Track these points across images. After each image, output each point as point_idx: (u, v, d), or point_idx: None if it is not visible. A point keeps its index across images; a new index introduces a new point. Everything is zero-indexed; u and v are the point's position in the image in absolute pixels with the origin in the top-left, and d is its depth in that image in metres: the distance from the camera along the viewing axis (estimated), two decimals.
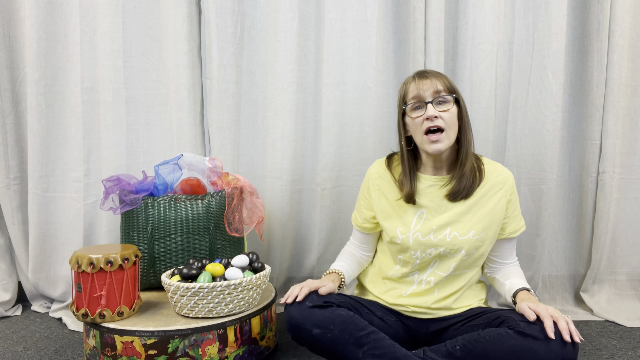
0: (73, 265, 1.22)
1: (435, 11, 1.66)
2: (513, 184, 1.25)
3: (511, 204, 1.24)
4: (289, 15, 1.70)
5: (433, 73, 1.20)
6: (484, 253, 1.23)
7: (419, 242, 1.21)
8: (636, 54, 1.73)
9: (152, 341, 1.19)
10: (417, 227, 1.22)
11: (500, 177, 1.24)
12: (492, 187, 1.22)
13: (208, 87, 1.74)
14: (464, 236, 1.19)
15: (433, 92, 1.17)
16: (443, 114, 1.16)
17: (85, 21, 1.72)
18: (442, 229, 1.21)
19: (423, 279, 1.23)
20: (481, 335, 1.04)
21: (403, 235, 1.23)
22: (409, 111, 1.20)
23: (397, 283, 1.27)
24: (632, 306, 1.78)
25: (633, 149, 1.77)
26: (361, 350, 1.05)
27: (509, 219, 1.25)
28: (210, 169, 1.56)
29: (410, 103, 1.19)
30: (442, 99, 1.17)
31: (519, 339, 1.00)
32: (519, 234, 1.27)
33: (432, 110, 1.15)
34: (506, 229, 1.25)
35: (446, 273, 1.22)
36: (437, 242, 1.20)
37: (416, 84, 1.18)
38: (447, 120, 1.16)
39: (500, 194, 1.22)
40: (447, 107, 1.17)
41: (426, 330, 1.24)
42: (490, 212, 1.21)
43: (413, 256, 1.23)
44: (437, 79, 1.18)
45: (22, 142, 1.82)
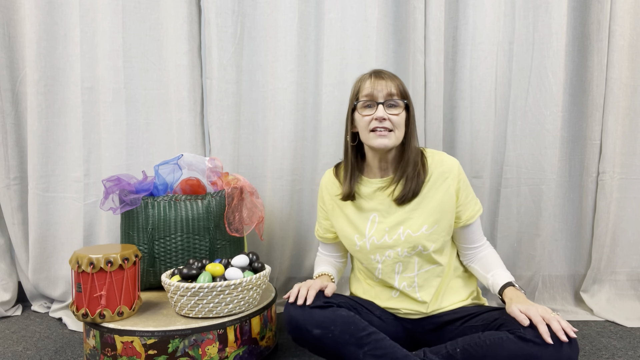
0: (73, 265, 1.22)
1: (435, 11, 1.66)
2: (459, 171, 1.24)
3: (461, 192, 1.23)
4: (289, 15, 1.70)
5: (389, 75, 1.21)
6: (444, 244, 1.23)
7: (375, 246, 1.22)
8: (636, 54, 1.73)
9: (152, 341, 1.19)
10: (371, 232, 1.23)
11: (444, 167, 1.23)
12: (438, 179, 1.22)
13: (208, 87, 1.74)
14: (417, 232, 1.19)
15: (386, 94, 1.18)
16: (392, 117, 1.17)
17: (85, 21, 1.72)
18: (395, 229, 1.21)
19: (398, 288, 1.23)
20: (481, 339, 1.04)
21: (360, 242, 1.24)
22: (360, 108, 1.21)
23: (384, 287, 1.27)
24: (632, 306, 1.78)
25: (633, 149, 1.77)
26: (362, 350, 1.05)
27: (463, 207, 1.24)
28: (210, 169, 1.56)
29: (362, 100, 1.20)
30: (394, 103, 1.18)
31: (519, 344, 0.99)
32: (477, 217, 1.26)
33: (382, 111, 1.16)
34: (462, 216, 1.24)
35: (414, 273, 1.22)
36: (392, 242, 1.21)
37: (371, 83, 1.19)
38: (395, 123, 1.17)
39: (447, 183, 1.22)
40: (397, 112, 1.18)
41: (422, 329, 1.24)
42: (439, 204, 1.20)
43: (373, 260, 1.24)
44: (392, 82, 1.19)
45: (22, 142, 1.82)
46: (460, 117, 1.75)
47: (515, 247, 1.81)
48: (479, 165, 1.74)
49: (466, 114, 1.73)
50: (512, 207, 1.79)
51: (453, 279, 1.27)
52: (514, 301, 1.09)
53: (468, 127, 1.74)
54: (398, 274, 1.23)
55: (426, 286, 1.23)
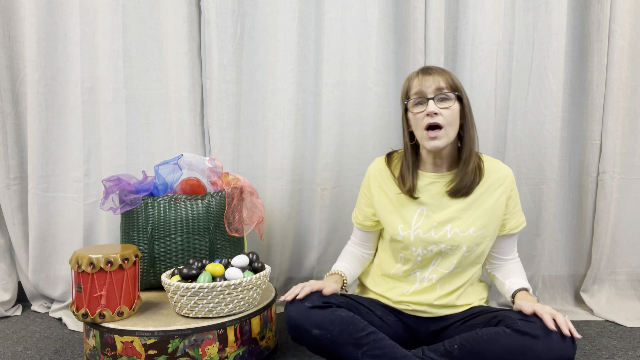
0: (73, 265, 1.22)
1: (435, 11, 1.66)
2: (513, 180, 1.26)
3: (511, 200, 1.25)
4: (289, 15, 1.70)
5: (437, 69, 1.20)
6: (485, 250, 1.24)
7: (420, 239, 1.22)
8: (636, 54, 1.73)
9: (152, 341, 1.19)
10: (418, 224, 1.23)
11: (500, 174, 1.24)
12: (492, 184, 1.23)
13: (208, 87, 1.74)
14: (465, 232, 1.20)
15: (435, 88, 1.17)
16: (444, 110, 1.16)
17: (85, 21, 1.72)
18: (442, 226, 1.21)
19: (425, 276, 1.24)
20: (479, 334, 1.04)
21: (404, 232, 1.23)
22: (411, 106, 1.21)
23: (399, 281, 1.27)
24: (632, 306, 1.78)
25: (633, 149, 1.77)
26: (360, 350, 1.06)
27: (510, 215, 1.25)
28: (210, 169, 1.56)
29: (412, 98, 1.20)
30: (444, 96, 1.17)
31: (516, 337, 1.00)
32: (520, 229, 1.28)
33: (433, 106, 1.15)
34: (507, 225, 1.26)
35: (448, 270, 1.22)
36: (438, 238, 1.21)
37: (419, 80, 1.19)
38: (447, 118, 1.16)
39: (500, 190, 1.23)
40: (449, 105, 1.17)
41: (426, 329, 1.24)
42: (490, 209, 1.21)
43: (414, 253, 1.23)
44: (440, 76, 1.18)
45: (22, 142, 1.82)
46: None
47: None
48: None
49: None
50: None
51: (471, 285, 1.28)
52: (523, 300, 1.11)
53: None
54: (434, 265, 1.23)
55: (449, 284, 1.24)
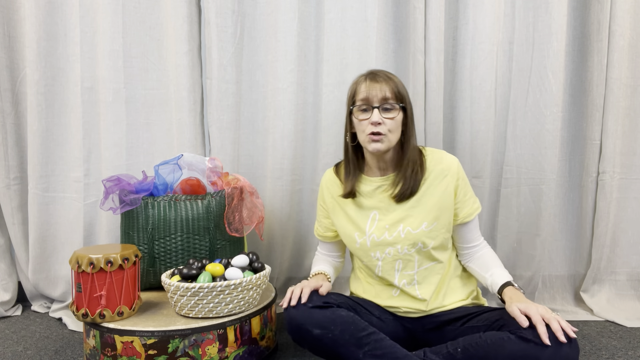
0: (73, 265, 1.22)
1: (435, 11, 1.66)
2: (458, 168, 1.24)
3: (460, 189, 1.24)
4: (289, 15, 1.70)
5: (384, 77, 1.20)
6: (444, 242, 1.23)
7: (375, 243, 1.23)
8: (636, 54, 1.73)
9: (152, 341, 1.19)
10: (372, 229, 1.24)
11: (444, 164, 1.24)
12: (437, 177, 1.23)
13: (208, 87, 1.74)
14: (417, 229, 1.20)
15: (381, 98, 1.18)
16: (387, 120, 1.17)
17: (85, 21, 1.72)
18: (395, 226, 1.22)
19: (398, 285, 1.24)
20: (482, 339, 1.04)
21: (361, 239, 1.25)
22: (356, 112, 1.21)
23: (384, 286, 1.28)
24: (632, 306, 1.78)
25: (633, 149, 1.77)
26: (362, 350, 1.05)
27: (461, 204, 1.24)
28: (210, 169, 1.56)
29: (357, 104, 1.21)
30: (389, 106, 1.18)
31: (520, 345, 1.00)
32: (475, 215, 1.27)
33: (377, 116, 1.17)
34: (459, 214, 1.25)
35: (414, 271, 1.22)
36: (392, 240, 1.21)
37: (366, 87, 1.19)
38: (389, 127, 1.18)
39: (446, 181, 1.22)
40: (393, 115, 1.18)
41: (422, 328, 1.24)
42: (438, 201, 1.21)
43: (374, 258, 1.24)
44: (387, 85, 1.18)
45: (22, 142, 1.82)
46: (460, 117, 1.75)
47: (515, 247, 1.81)
48: (479, 165, 1.74)
49: (466, 114, 1.73)
50: (512, 207, 1.79)
51: (453, 279, 1.27)
52: (514, 300, 1.09)
53: (468, 127, 1.74)
54: (398, 271, 1.23)
55: (425, 283, 1.23)
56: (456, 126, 1.77)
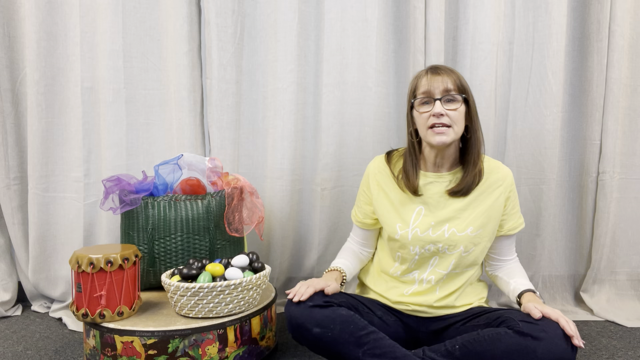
0: (73, 265, 1.22)
1: (435, 11, 1.66)
2: (512, 181, 1.26)
3: (510, 201, 1.25)
4: (289, 15, 1.70)
5: (446, 70, 1.20)
6: (483, 250, 1.24)
7: (417, 238, 1.22)
8: (636, 54, 1.73)
9: (152, 341, 1.19)
10: (416, 223, 1.23)
11: (500, 174, 1.24)
12: (491, 185, 1.23)
13: (208, 87, 1.74)
14: (462, 232, 1.20)
15: (443, 89, 1.17)
16: (450, 112, 1.16)
17: (85, 21, 1.72)
18: (440, 225, 1.21)
19: (424, 277, 1.24)
20: (480, 335, 1.04)
21: (402, 231, 1.23)
22: (417, 105, 1.21)
23: (398, 282, 1.27)
24: (632, 306, 1.78)
25: (633, 149, 1.77)
26: (361, 349, 1.05)
27: (508, 216, 1.25)
28: (210, 169, 1.56)
29: (419, 97, 1.20)
30: (451, 98, 1.17)
31: (517, 339, 1.00)
32: (518, 231, 1.28)
33: (439, 107, 1.15)
34: (504, 225, 1.26)
35: (446, 271, 1.22)
36: (435, 238, 1.21)
37: (427, 80, 1.18)
38: (453, 119, 1.16)
39: (499, 191, 1.23)
40: (455, 106, 1.17)
41: (426, 329, 1.24)
42: (488, 209, 1.21)
43: (412, 252, 1.23)
44: (448, 77, 1.17)
45: (22, 142, 1.82)
46: None
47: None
48: None
49: None
50: None
51: (471, 284, 1.28)
52: (531, 302, 1.10)
53: None
54: (432, 266, 1.23)
55: (448, 285, 1.24)
56: None
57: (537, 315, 1.03)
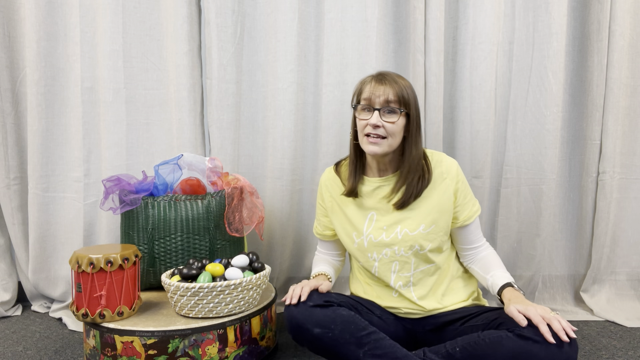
0: (73, 265, 1.22)
1: (435, 11, 1.66)
2: (457, 171, 1.23)
3: (459, 192, 1.23)
4: (289, 15, 1.70)
5: (391, 79, 1.17)
6: (441, 244, 1.23)
7: (373, 244, 1.23)
8: (636, 54, 1.73)
9: (152, 341, 1.19)
10: (369, 230, 1.24)
11: (443, 168, 1.23)
12: (436, 179, 1.22)
13: (208, 87, 1.74)
14: (415, 231, 1.20)
15: (384, 100, 1.15)
16: (387, 124, 1.15)
17: (85, 21, 1.72)
18: (392, 228, 1.21)
19: (394, 287, 1.24)
20: (481, 338, 1.04)
21: (358, 239, 1.25)
22: (358, 110, 1.21)
23: (383, 287, 1.27)
24: (632, 306, 1.78)
25: (633, 149, 1.77)
26: (362, 350, 1.05)
27: (461, 207, 1.24)
28: (210, 169, 1.56)
29: (361, 103, 1.20)
30: (390, 109, 1.16)
31: (518, 342, 1.00)
32: (475, 218, 1.26)
33: (377, 118, 1.15)
34: (459, 217, 1.24)
35: (410, 273, 1.22)
36: (389, 241, 1.21)
37: (371, 87, 1.18)
38: (389, 131, 1.16)
39: (445, 184, 1.22)
40: (394, 119, 1.16)
41: (422, 329, 1.24)
42: (437, 204, 1.21)
43: (370, 259, 1.24)
44: (391, 88, 1.16)
45: (22, 142, 1.82)
46: (460, 117, 1.75)
47: (515, 247, 1.81)
48: (479, 165, 1.74)
49: (466, 114, 1.73)
50: (512, 207, 1.79)
51: (454, 280, 1.27)
52: (512, 302, 1.09)
53: (468, 127, 1.74)
54: (394, 272, 1.23)
55: (420, 285, 1.23)
56: (456, 126, 1.77)
57: (523, 324, 1.01)
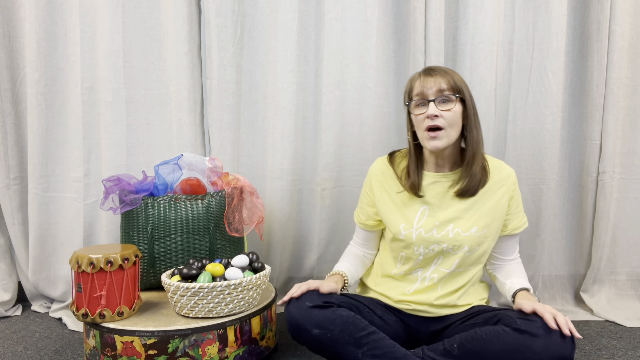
0: (73, 265, 1.22)
1: (435, 11, 1.66)
2: (515, 181, 1.26)
3: (514, 201, 1.25)
4: (289, 15, 1.70)
5: (439, 70, 1.19)
6: (487, 250, 1.24)
7: (422, 238, 1.22)
8: (636, 54, 1.73)
9: (152, 341, 1.19)
10: (420, 223, 1.23)
11: (503, 174, 1.24)
12: (495, 184, 1.23)
13: (208, 87, 1.74)
14: (467, 232, 1.20)
15: (436, 90, 1.16)
16: (445, 113, 1.15)
17: (85, 21, 1.72)
18: (445, 225, 1.21)
19: (427, 275, 1.24)
20: (478, 334, 1.05)
21: (406, 231, 1.23)
22: (412, 108, 1.21)
23: (400, 281, 1.27)
24: (632, 306, 1.78)
25: (633, 149, 1.77)
26: (361, 350, 1.06)
27: (512, 216, 1.25)
28: (210, 169, 1.56)
29: (414, 100, 1.20)
30: (445, 98, 1.16)
31: (515, 336, 1.01)
32: (522, 230, 1.28)
33: (433, 109, 1.15)
34: (508, 225, 1.26)
35: (449, 270, 1.22)
36: (439, 238, 1.21)
37: (421, 81, 1.18)
38: (448, 120, 1.16)
39: (503, 190, 1.23)
40: (450, 107, 1.16)
41: (426, 329, 1.24)
42: (492, 209, 1.21)
43: (416, 252, 1.23)
44: (442, 77, 1.17)
45: (22, 142, 1.82)
46: None
47: None
48: None
49: None
50: None
51: (474, 285, 1.28)
52: (524, 299, 1.11)
53: None
54: (435, 264, 1.23)
55: (450, 283, 1.24)
56: None
57: (528, 310, 1.03)
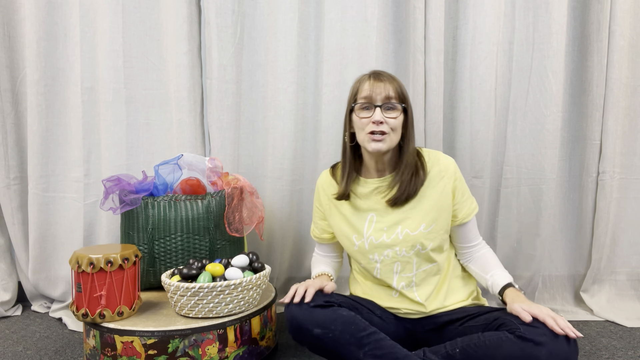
0: (73, 265, 1.22)
1: (435, 11, 1.66)
2: (455, 169, 1.25)
3: (458, 190, 1.24)
4: (289, 15, 1.70)
5: (388, 77, 1.20)
6: (442, 243, 1.23)
7: (374, 246, 1.23)
8: (636, 54, 1.73)
9: (152, 341, 1.19)
10: (369, 232, 1.24)
11: (441, 166, 1.24)
12: (434, 178, 1.23)
13: (208, 87, 1.74)
14: (416, 231, 1.20)
15: (384, 97, 1.17)
16: (389, 120, 1.17)
17: (85, 21, 1.72)
18: (393, 228, 1.21)
19: (397, 287, 1.24)
20: (481, 340, 1.04)
21: (359, 242, 1.25)
22: (357, 110, 1.21)
23: (383, 287, 1.27)
24: (632, 306, 1.78)
25: (633, 149, 1.77)
26: (362, 350, 1.05)
27: (459, 205, 1.25)
28: (210, 169, 1.56)
29: (360, 102, 1.20)
30: (391, 106, 1.18)
31: (519, 344, 0.99)
32: (473, 216, 1.27)
33: (379, 115, 1.16)
34: (458, 215, 1.25)
35: (412, 273, 1.22)
36: (390, 242, 1.21)
37: (370, 85, 1.19)
38: (392, 126, 1.17)
39: (443, 182, 1.22)
40: (395, 115, 1.18)
41: (422, 329, 1.25)
42: (436, 203, 1.21)
43: (372, 260, 1.24)
44: (390, 84, 1.18)
45: (22, 142, 1.82)
46: (460, 117, 1.75)
47: (515, 247, 1.81)
48: (479, 165, 1.74)
49: (466, 114, 1.74)
50: (512, 207, 1.79)
51: (453, 279, 1.27)
52: (516, 301, 1.10)
53: (468, 127, 1.74)
54: (397, 273, 1.23)
55: (424, 285, 1.23)
56: (456, 126, 1.77)
57: (528, 320, 1.02)
